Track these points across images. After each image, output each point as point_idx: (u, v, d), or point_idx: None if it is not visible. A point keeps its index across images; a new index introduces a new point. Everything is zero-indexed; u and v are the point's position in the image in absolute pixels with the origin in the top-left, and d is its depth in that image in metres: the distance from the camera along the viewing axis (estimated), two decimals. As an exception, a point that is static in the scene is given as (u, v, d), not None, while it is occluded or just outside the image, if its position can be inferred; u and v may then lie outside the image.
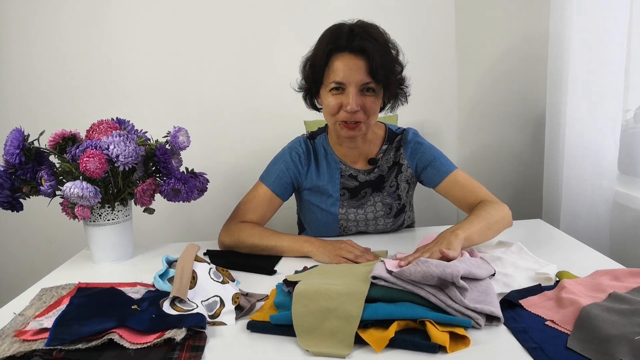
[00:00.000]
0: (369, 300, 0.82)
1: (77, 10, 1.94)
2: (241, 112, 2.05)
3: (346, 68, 1.18)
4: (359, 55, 1.18)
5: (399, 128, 1.41)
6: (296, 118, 1.80)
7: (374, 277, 0.85)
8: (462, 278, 0.83)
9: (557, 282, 0.95)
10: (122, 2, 1.94)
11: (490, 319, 0.82)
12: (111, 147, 1.13)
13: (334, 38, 1.20)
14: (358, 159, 1.37)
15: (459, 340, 0.76)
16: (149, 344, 0.78)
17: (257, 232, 1.27)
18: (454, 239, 1.01)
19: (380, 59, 1.17)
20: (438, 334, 0.74)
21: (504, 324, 0.81)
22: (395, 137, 1.38)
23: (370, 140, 1.37)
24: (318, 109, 1.36)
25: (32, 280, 1.15)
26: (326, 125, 1.40)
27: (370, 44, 1.17)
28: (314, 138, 1.41)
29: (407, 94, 1.32)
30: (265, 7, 1.96)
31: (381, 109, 1.30)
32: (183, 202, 1.27)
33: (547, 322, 0.80)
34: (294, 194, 1.44)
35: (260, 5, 1.96)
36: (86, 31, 1.96)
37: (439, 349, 0.74)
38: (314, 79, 1.26)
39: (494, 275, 0.97)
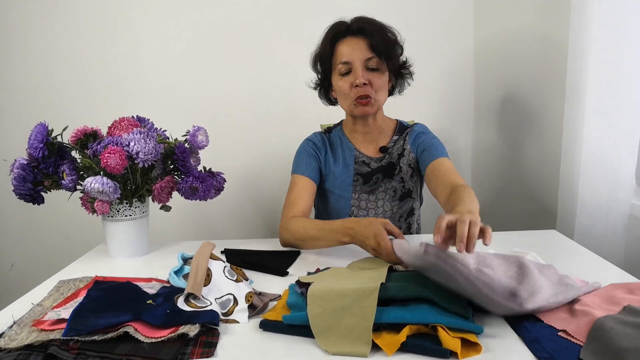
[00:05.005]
0: (382, 301, 0.82)
1: (97, 11, 1.97)
2: (257, 114, 2.06)
3: (349, 48, 1.33)
4: (359, 35, 1.32)
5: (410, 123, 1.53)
6: (312, 120, 1.81)
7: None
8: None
9: (571, 293, 0.95)
10: (141, 4, 1.97)
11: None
12: (132, 144, 1.15)
13: (335, 28, 1.36)
14: (370, 147, 1.47)
15: (470, 346, 0.76)
16: (163, 339, 0.79)
17: (309, 222, 1.28)
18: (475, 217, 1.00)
19: (379, 36, 1.31)
20: (449, 340, 0.75)
21: (516, 332, 0.81)
22: (406, 129, 1.50)
23: (382, 131, 1.48)
24: (334, 103, 1.48)
25: (49, 274, 1.17)
26: (340, 121, 1.55)
27: (368, 25, 1.32)
28: (329, 132, 1.54)
29: (412, 73, 1.45)
30: (282, 10, 1.98)
31: (391, 92, 1.44)
32: (200, 200, 1.29)
33: (559, 333, 0.80)
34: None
35: (278, 7, 1.98)
36: (107, 33, 1.99)
37: (450, 354, 0.74)
38: (324, 70, 1.40)
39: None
